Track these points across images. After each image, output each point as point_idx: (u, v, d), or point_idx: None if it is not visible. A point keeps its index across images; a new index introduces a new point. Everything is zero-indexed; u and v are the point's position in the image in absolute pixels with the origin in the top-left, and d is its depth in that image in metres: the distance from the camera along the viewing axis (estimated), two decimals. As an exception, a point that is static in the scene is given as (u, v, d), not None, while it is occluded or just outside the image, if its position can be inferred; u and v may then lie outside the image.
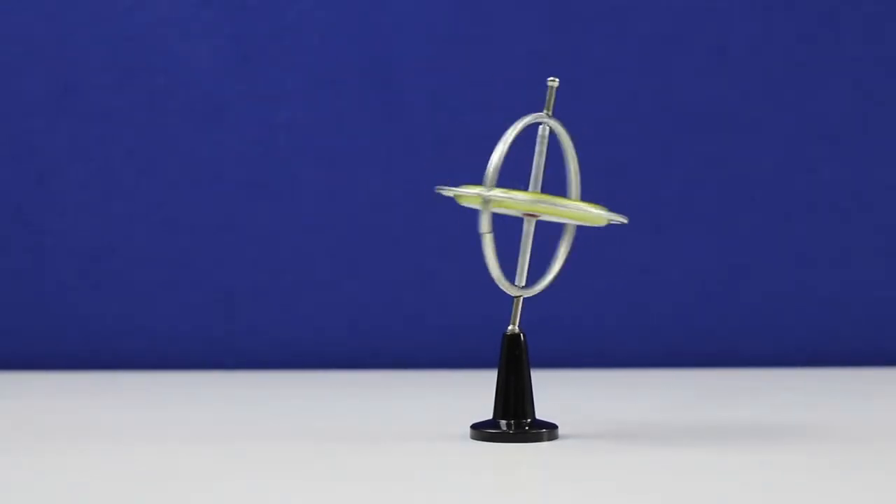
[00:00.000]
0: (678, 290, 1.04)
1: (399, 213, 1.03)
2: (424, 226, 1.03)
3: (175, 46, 1.02)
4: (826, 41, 1.04)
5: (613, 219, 0.66)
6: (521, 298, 0.68)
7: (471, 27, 1.03)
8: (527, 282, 0.68)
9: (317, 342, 1.03)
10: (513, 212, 0.67)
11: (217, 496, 0.53)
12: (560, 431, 0.67)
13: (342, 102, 1.03)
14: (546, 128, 0.69)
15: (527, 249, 0.68)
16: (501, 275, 0.66)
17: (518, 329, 0.67)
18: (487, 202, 0.65)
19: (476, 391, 0.78)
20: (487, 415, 0.68)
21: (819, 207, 1.04)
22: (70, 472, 0.59)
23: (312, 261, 1.03)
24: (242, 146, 1.03)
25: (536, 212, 0.66)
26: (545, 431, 0.66)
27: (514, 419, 0.66)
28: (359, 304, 1.03)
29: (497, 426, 0.66)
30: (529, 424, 0.66)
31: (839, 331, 1.04)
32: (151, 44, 1.02)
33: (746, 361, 1.03)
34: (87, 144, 1.02)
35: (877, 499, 0.53)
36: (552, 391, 0.85)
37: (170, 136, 1.02)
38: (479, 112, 1.02)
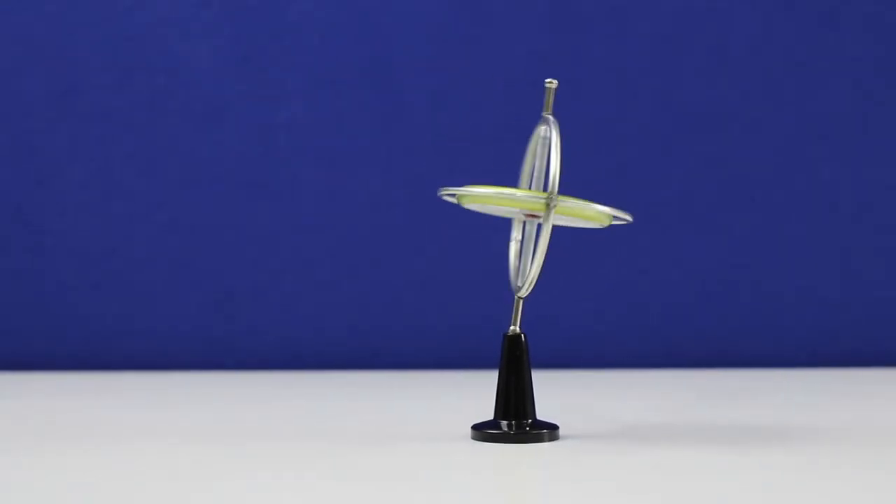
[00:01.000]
0: (678, 291, 1.04)
1: (399, 214, 1.03)
2: (425, 226, 1.03)
3: (175, 47, 1.02)
4: (826, 41, 1.04)
5: (618, 215, 0.66)
6: (522, 300, 0.68)
7: (470, 27, 1.03)
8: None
9: (317, 343, 1.03)
10: (515, 211, 0.67)
11: (218, 496, 0.54)
12: (560, 432, 0.67)
13: (342, 103, 1.03)
14: (546, 128, 0.68)
15: (528, 251, 0.68)
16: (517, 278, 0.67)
17: (519, 330, 0.68)
18: (551, 208, 0.64)
19: (477, 392, 0.78)
20: (488, 415, 0.68)
21: (819, 207, 1.04)
22: (70, 472, 0.59)
23: (313, 261, 1.03)
24: (242, 146, 1.03)
25: (542, 211, 0.65)
26: (546, 432, 0.66)
27: (515, 419, 0.66)
28: (359, 305, 1.03)
29: (498, 426, 0.66)
30: (530, 425, 0.66)
31: (839, 331, 1.04)
32: (151, 44, 1.02)
33: (746, 361, 1.04)
34: (88, 145, 1.02)
35: (877, 499, 0.53)
36: (553, 391, 0.85)
37: (170, 137, 1.03)
38: (480, 112, 1.02)
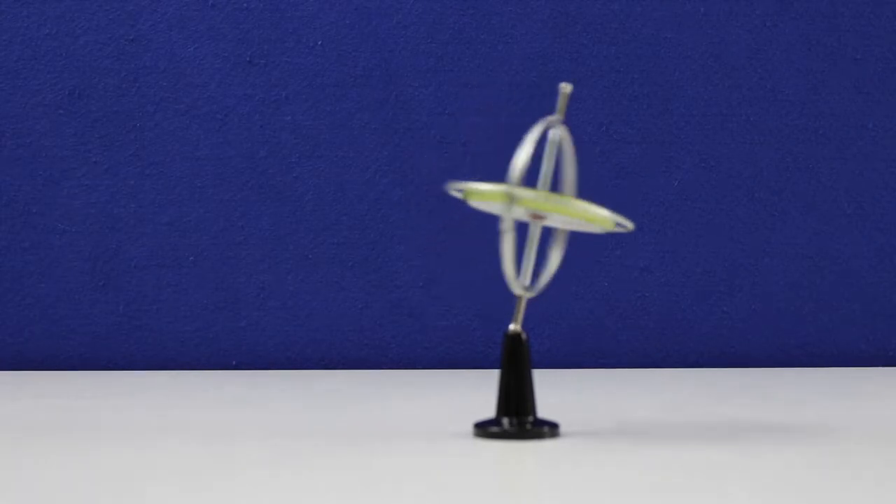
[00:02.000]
0: (679, 291, 1.04)
1: (402, 214, 1.04)
2: (427, 226, 1.03)
3: (180, 49, 1.03)
4: (826, 42, 1.04)
5: (620, 221, 0.66)
6: (524, 299, 0.68)
7: (474, 31, 1.03)
8: (530, 283, 0.68)
9: (321, 342, 1.03)
10: (521, 211, 0.67)
11: (219, 495, 0.54)
12: (561, 430, 0.67)
13: (346, 105, 1.03)
14: (557, 132, 0.68)
15: (532, 251, 0.68)
16: (514, 274, 0.66)
17: (519, 328, 0.68)
18: (512, 199, 0.64)
19: (479, 390, 0.79)
20: (490, 413, 0.68)
21: (819, 207, 1.04)
22: (73, 472, 0.59)
23: (316, 262, 1.03)
24: (247, 148, 1.03)
25: (547, 211, 0.65)
26: (547, 430, 0.66)
27: (517, 418, 0.67)
28: (362, 305, 1.03)
29: (500, 424, 0.67)
30: (531, 423, 0.66)
31: (839, 331, 1.04)
32: (157, 46, 1.02)
33: (746, 361, 1.04)
34: (93, 146, 1.02)
35: (877, 499, 0.53)
36: (554, 390, 0.85)
37: (175, 138, 1.03)
38: (482, 114, 1.02)
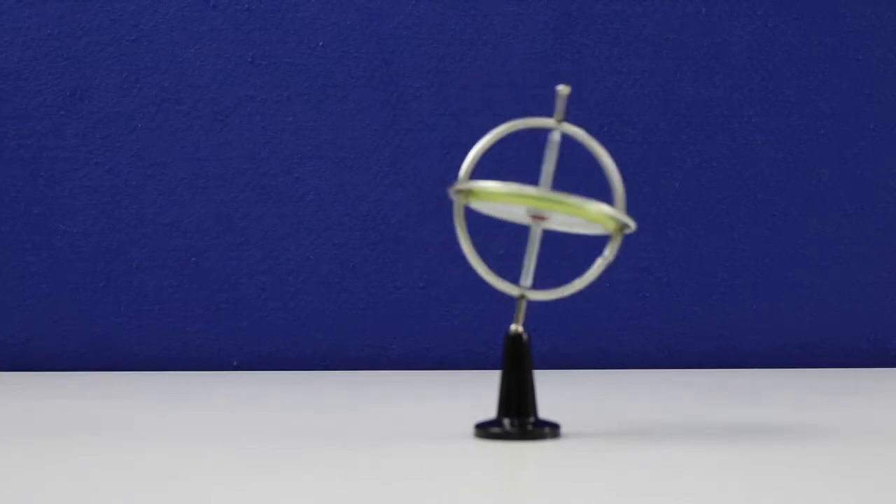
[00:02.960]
0: (679, 291, 1.04)
1: (403, 215, 1.04)
2: (429, 227, 1.03)
3: (182, 49, 1.03)
4: (827, 42, 1.04)
5: (623, 220, 0.66)
6: (525, 300, 0.68)
7: (475, 31, 1.03)
8: (532, 284, 0.68)
9: (322, 343, 1.03)
10: (521, 209, 0.67)
11: (220, 496, 0.54)
12: (562, 430, 0.67)
13: (347, 105, 1.03)
14: (557, 133, 0.67)
15: (533, 252, 0.68)
16: (488, 271, 0.67)
17: (520, 329, 0.68)
18: (457, 194, 0.65)
19: (480, 391, 0.79)
20: (491, 414, 0.68)
21: (820, 208, 1.04)
22: (77, 473, 0.59)
23: (317, 262, 1.03)
24: (248, 149, 1.03)
25: (544, 209, 0.65)
26: (548, 430, 0.66)
27: (517, 418, 0.67)
28: (363, 306, 1.03)
29: (500, 425, 0.67)
30: (532, 423, 0.66)
31: (840, 331, 1.04)
32: (159, 47, 1.03)
33: (747, 362, 1.04)
34: (95, 146, 1.03)
35: (878, 500, 0.53)
36: (555, 391, 0.85)
37: (177, 139, 1.03)
38: (484, 114, 1.02)
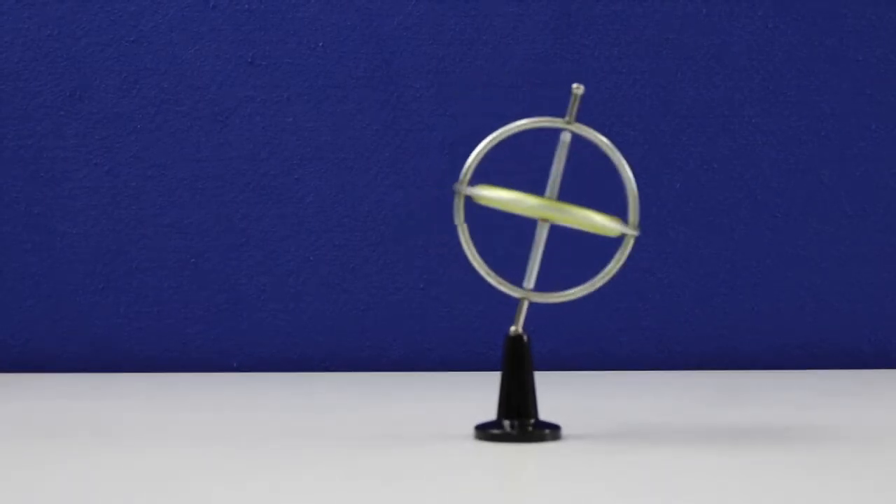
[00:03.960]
0: (680, 292, 1.04)
1: (403, 215, 1.04)
2: (429, 227, 1.03)
3: (181, 50, 1.03)
4: (828, 43, 1.04)
5: (629, 232, 0.66)
6: (527, 301, 0.68)
7: (475, 31, 1.03)
8: (535, 286, 0.68)
9: (322, 344, 1.03)
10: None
11: (221, 497, 0.54)
12: (563, 432, 0.67)
13: (347, 106, 1.03)
14: (568, 134, 0.67)
15: (538, 253, 0.68)
16: (489, 271, 0.67)
17: (521, 330, 0.68)
18: (458, 194, 0.65)
19: (480, 392, 0.79)
20: (491, 415, 0.68)
21: (820, 208, 1.04)
22: (76, 473, 0.59)
23: (318, 263, 1.03)
24: (248, 149, 1.03)
25: (546, 219, 0.66)
26: (548, 432, 0.66)
27: (518, 420, 0.66)
28: (363, 307, 1.03)
29: (501, 427, 0.66)
30: (533, 425, 0.66)
31: (841, 333, 1.04)
32: (158, 47, 1.02)
33: (748, 363, 1.04)
34: (95, 147, 1.02)
35: (878, 500, 0.53)
36: (555, 392, 0.85)
37: (176, 139, 1.03)
38: (484, 115, 1.02)
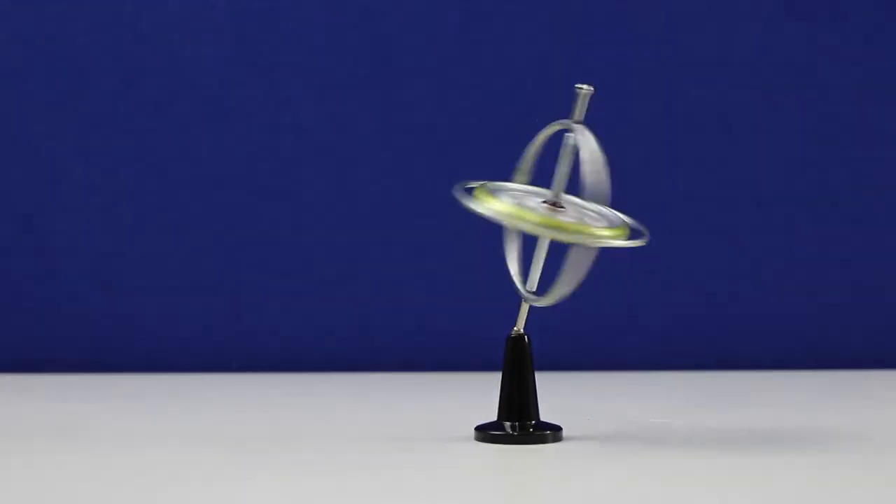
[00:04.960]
0: (681, 293, 1.04)
1: (404, 215, 1.04)
2: (429, 228, 1.03)
3: (181, 49, 1.02)
4: (830, 43, 1.04)
5: (630, 245, 0.65)
6: (528, 304, 0.68)
7: (475, 31, 1.03)
8: (538, 291, 0.68)
9: (322, 344, 1.03)
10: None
11: (220, 497, 0.54)
12: (564, 433, 0.67)
13: (347, 105, 1.03)
14: (574, 136, 0.67)
15: (540, 257, 0.68)
16: (518, 274, 0.67)
17: (522, 331, 0.67)
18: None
19: (481, 393, 0.78)
20: (492, 416, 0.68)
21: (823, 209, 1.04)
22: (75, 474, 0.59)
23: (318, 263, 1.03)
24: (248, 149, 1.03)
25: (542, 235, 0.65)
26: (549, 433, 0.66)
27: (519, 421, 0.66)
28: (364, 306, 1.03)
29: (501, 428, 0.66)
30: (533, 426, 0.66)
31: (842, 334, 1.04)
32: (157, 47, 1.02)
33: (750, 364, 1.03)
34: (94, 147, 1.02)
35: (879, 500, 0.53)
36: (556, 393, 0.85)
37: (176, 139, 1.03)
38: (484, 115, 1.02)
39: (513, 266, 0.68)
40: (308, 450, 0.64)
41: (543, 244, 0.68)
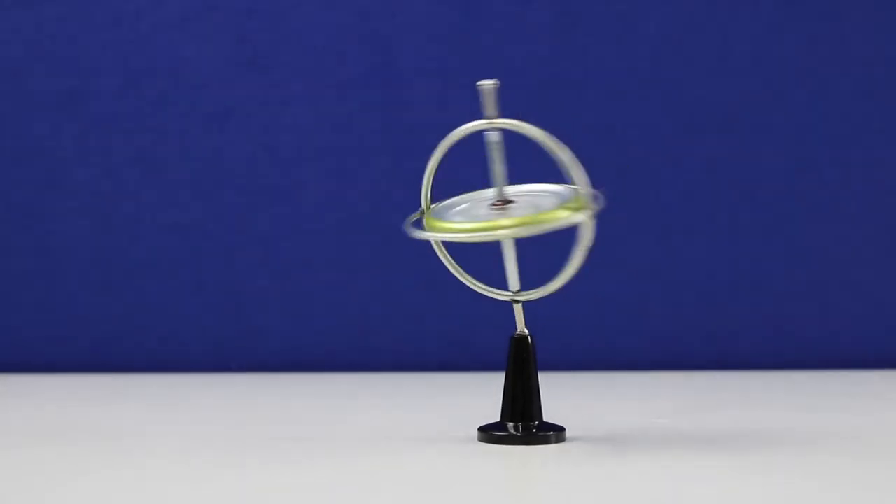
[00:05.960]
0: (683, 293, 1.04)
1: (403, 216, 1.04)
2: (429, 228, 1.03)
3: (180, 50, 1.02)
4: (832, 43, 1.04)
5: (574, 218, 0.63)
6: (519, 303, 0.68)
7: (475, 31, 1.03)
8: (522, 286, 0.68)
9: (323, 345, 1.03)
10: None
11: (220, 497, 0.54)
12: (567, 434, 0.67)
13: (347, 105, 1.03)
14: (495, 133, 0.67)
15: (511, 255, 0.68)
16: (473, 282, 0.67)
17: (526, 331, 0.68)
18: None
19: (484, 394, 0.79)
20: (495, 417, 0.68)
21: (821, 208, 1.04)
22: (75, 475, 0.59)
23: (318, 263, 1.03)
24: (248, 149, 1.03)
25: (487, 241, 0.66)
26: (552, 434, 0.66)
27: (522, 421, 0.66)
28: (365, 307, 1.03)
29: (504, 428, 0.66)
30: (537, 427, 0.66)
31: (845, 334, 1.04)
32: (157, 47, 1.02)
33: (752, 364, 1.04)
34: (94, 147, 1.02)
35: (879, 500, 0.53)
36: (559, 393, 0.85)
37: (175, 140, 1.03)
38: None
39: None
40: (307, 450, 0.64)
41: (509, 244, 0.68)
